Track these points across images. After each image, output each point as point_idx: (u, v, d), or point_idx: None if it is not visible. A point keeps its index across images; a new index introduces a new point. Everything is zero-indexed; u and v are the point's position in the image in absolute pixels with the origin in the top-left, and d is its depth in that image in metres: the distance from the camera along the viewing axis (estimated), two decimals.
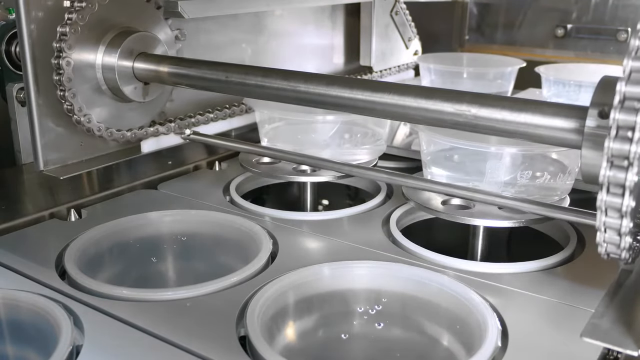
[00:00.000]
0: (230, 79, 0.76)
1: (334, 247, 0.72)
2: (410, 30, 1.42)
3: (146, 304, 0.60)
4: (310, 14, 1.23)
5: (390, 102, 0.65)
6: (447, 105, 0.62)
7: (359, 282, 0.66)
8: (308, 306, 0.65)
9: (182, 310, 0.59)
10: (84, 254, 0.70)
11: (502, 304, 0.61)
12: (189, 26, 0.93)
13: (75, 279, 0.64)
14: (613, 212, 0.50)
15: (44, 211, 0.80)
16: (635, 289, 0.61)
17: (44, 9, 0.75)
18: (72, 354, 0.53)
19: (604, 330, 0.53)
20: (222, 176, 0.94)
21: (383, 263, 0.67)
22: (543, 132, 0.58)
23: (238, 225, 0.76)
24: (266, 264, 0.68)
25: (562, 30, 1.38)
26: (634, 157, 0.47)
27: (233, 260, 0.74)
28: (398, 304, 0.65)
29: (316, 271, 0.65)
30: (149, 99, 0.87)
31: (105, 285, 0.63)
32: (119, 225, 0.76)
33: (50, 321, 0.57)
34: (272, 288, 0.61)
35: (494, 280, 0.65)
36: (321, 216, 0.81)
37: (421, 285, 0.64)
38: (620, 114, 0.47)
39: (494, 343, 0.53)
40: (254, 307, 0.58)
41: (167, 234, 0.78)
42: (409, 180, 0.75)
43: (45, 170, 0.79)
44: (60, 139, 0.80)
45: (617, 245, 0.53)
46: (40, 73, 0.76)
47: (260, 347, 0.52)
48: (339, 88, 0.68)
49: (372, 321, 0.65)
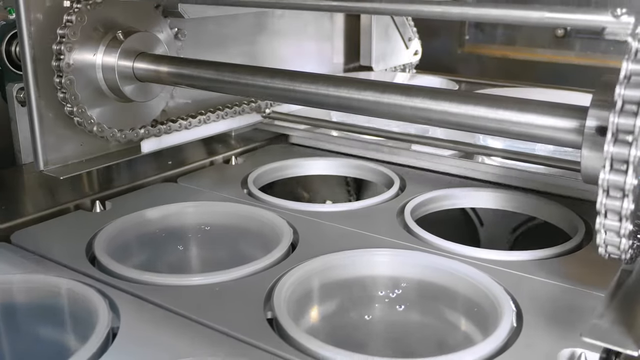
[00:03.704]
0: (231, 79, 0.76)
1: (352, 236, 0.75)
2: (410, 30, 1.42)
3: (177, 289, 0.64)
4: (310, 14, 1.23)
5: (395, 102, 0.65)
6: (449, 106, 0.62)
7: (378, 268, 0.69)
8: (331, 291, 0.68)
9: (211, 295, 0.63)
10: (112, 242, 0.73)
11: (516, 289, 0.63)
12: (189, 26, 0.93)
13: (107, 265, 0.67)
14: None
15: (69, 203, 0.83)
16: (635, 289, 0.61)
17: (44, 9, 0.75)
18: (109, 336, 0.55)
19: (604, 330, 0.53)
20: (239, 170, 0.97)
21: (401, 251, 0.70)
22: (543, 132, 0.58)
23: (258, 215, 0.79)
24: (288, 252, 0.71)
25: (562, 30, 1.38)
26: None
27: (255, 249, 0.77)
28: (416, 288, 0.68)
29: (338, 258, 0.69)
30: (149, 99, 0.87)
31: (136, 271, 0.66)
32: (144, 216, 0.80)
33: (87, 305, 0.60)
34: (297, 273, 0.65)
35: (506, 266, 0.68)
36: (337, 208, 0.84)
37: (438, 271, 0.67)
38: (620, 118, 0.47)
39: (509, 323, 0.57)
40: (280, 290, 0.61)
41: (191, 224, 0.81)
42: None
43: (45, 170, 0.79)
44: (60, 139, 0.80)
45: (617, 246, 0.53)
46: (40, 73, 0.76)
47: (288, 327, 0.55)
48: (342, 88, 0.68)
49: (393, 304, 0.68)
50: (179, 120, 0.93)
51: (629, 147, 0.47)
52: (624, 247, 0.53)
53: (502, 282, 0.64)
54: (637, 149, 0.47)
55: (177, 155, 0.99)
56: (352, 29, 1.34)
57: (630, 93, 0.47)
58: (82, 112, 0.79)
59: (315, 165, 1.01)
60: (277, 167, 0.99)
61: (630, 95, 0.47)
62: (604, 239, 0.53)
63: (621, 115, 0.47)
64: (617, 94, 0.48)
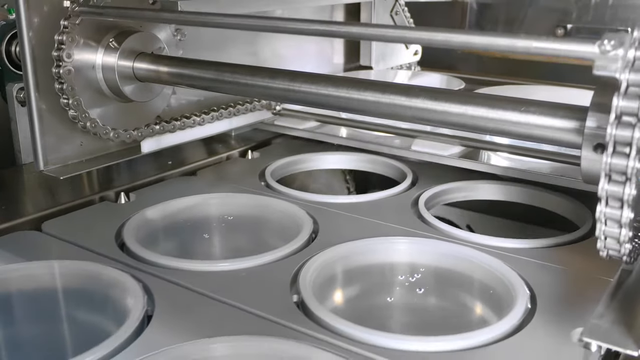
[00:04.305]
0: (231, 79, 0.76)
1: (369, 225, 0.78)
2: None
3: (206, 274, 0.67)
4: (310, 14, 1.23)
5: (395, 102, 0.65)
6: (449, 106, 0.62)
7: (397, 255, 0.73)
8: (353, 275, 0.72)
9: (239, 279, 0.66)
10: (140, 231, 0.77)
11: (529, 274, 0.66)
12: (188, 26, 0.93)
13: (137, 252, 0.70)
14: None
15: (94, 195, 0.87)
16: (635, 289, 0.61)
17: (44, 9, 0.75)
18: (144, 318, 0.58)
19: (604, 330, 0.53)
20: (256, 164, 1.01)
21: (418, 239, 0.74)
22: (543, 132, 0.58)
23: (279, 206, 0.83)
24: (309, 241, 0.75)
25: (562, 30, 1.38)
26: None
27: (277, 237, 0.80)
28: (434, 274, 0.72)
29: (359, 245, 0.72)
30: (150, 99, 0.87)
31: (167, 257, 0.70)
32: (169, 207, 0.83)
33: (122, 289, 0.63)
34: (320, 259, 0.68)
35: (518, 254, 0.71)
36: (354, 199, 0.88)
37: (453, 258, 0.71)
38: (618, 130, 0.48)
39: (524, 305, 0.60)
40: (305, 275, 0.65)
41: (214, 215, 0.85)
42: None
43: (45, 170, 0.79)
44: (60, 139, 0.80)
45: (617, 250, 0.53)
46: (40, 73, 0.76)
47: (315, 308, 0.59)
48: (342, 88, 0.68)
49: (413, 287, 0.72)
50: (183, 119, 0.93)
51: (627, 159, 0.48)
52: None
53: (515, 268, 0.67)
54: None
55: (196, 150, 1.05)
56: None
57: (622, 133, 0.48)
58: (84, 114, 0.79)
59: (329, 159, 1.04)
60: (293, 161, 1.03)
61: (621, 135, 0.48)
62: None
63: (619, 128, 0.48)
64: (609, 133, 0.48)
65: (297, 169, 1.03)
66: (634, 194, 0.48)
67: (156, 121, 0.90)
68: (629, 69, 0.47)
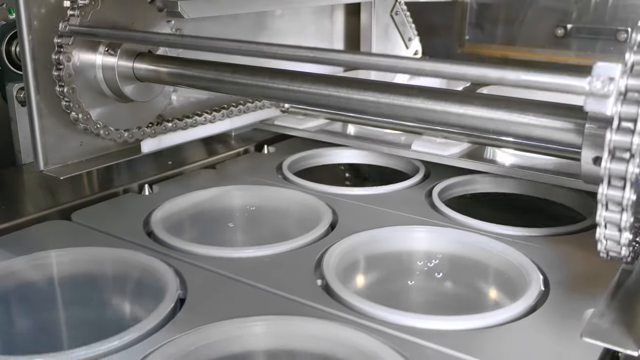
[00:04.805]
0: (231, 79, 0.76)
1: (386, 215, 0.82)
2: (410, 30, 1.42)
3: (233, 260, 0.71)
4: (310, 14, 1.23)
5: (396, 102, 0.65)
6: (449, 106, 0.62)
7: (415, 243, 0.77)
8: (374, 261, 0.76)
9: (265, 265, 0.70)
10: (167, 220, 0.81)
11: (541, 259, 0.69)
12: (189, 26, 0.93)
13: (166, 240, 0.74)
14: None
15: (119, 187, 0.90)
16: (635, 289, 0.61)
17: (44, 9, 0.75)
18: (177, 302, 0.62)
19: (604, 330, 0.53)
20: (272, 158, 1.05)
21: (435, 227, 0.78)
22: (543, 132, 0.58)
23: (298, 197, 0.87)
24: (329, 230, 0.78)
25: (562, 30, 1.38)
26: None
27: (298, 227, 0.82)
28: (450, 260, 0.75)
29: (378, 233, 0.76)
30: (150, 99, 0.87)
31: (195, 244, 0.73)
32: (193, 197, 0.87)
33: (155, 274, 0.67)
34: (342, 246, 0.72)
35: (530, 241, 0.75)
36: (370, 191, 0.91)
37: (468, 245, 0.74)
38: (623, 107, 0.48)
39: (538, 287, 0.64)
40: (328, 260, 0.68)
41: (237, 205, 0.89)
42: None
43: (45, 170, 0.79)
44: (60, 139, 0.80)
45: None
46: (40, 73, 0.76)
47: (340, 291, 0.62)
48: (342, 89, 0.68)
49: (432, 272, 0.75)
50: (185, 119, 0.93)
51: (631, 135, 0.48)
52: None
53: (527, 254, 0.70)
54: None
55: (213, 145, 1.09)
56: (352, 29, 1.34)
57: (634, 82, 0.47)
58: (84, 114, 0.79)
59: (344, 153, 1.07)
60: (308, 155, 1.06)
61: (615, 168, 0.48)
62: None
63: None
64: (603, 167, 0.48)
65: (313, 162, 1.07)
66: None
67: (158, 120, 0.90)
68: (620, 102, 0.48)
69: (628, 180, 0.48)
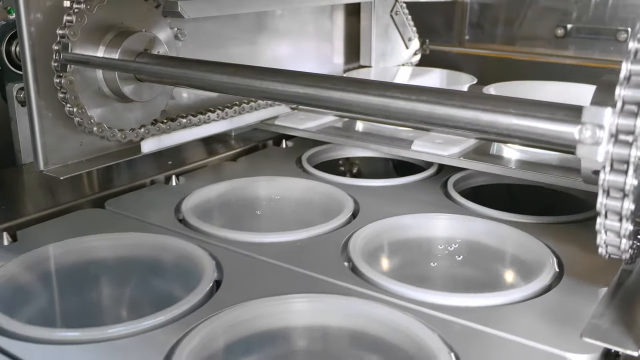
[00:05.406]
0: (231, 80, 0.76)
1: (405, 204, 0.86)
2: (410, 30, 1.42)
3: (264, 244, 0.75)
4: (310, 14, 1.23)
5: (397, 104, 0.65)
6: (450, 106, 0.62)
7: (435, 229, 0.81)
8: (397, 246, 0.80)
9: (294, 249, 0.74)
10: (197, 208, 0.85)
11: (554, 243, 0.74)
12: (189, 26, 0.93)
13: (199, 226, 0.78)
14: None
15: (146, 178, 0.94)
16: (635, 289, 0.61)
17: (44, 9, 0.75)
18: (214, 284, 0.65)
19: (604, 330, 0.53)
20: (291, 152, 1.10)
21: (453, 215, 0.82)
22: (542, 132, 0.58)
23: (320, 187, 0.92)
24: (351, 218, 0.82)
25: (562, 30, 1.38)
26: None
27: (321, 215, 0.86)
28: (467, 246, 0.80)
29: (400, 220, 0.81)
30: (150, 99, 0.87)
31: (227, 230, 0.77)
32: (220, 187, 0.91)
33: (191, 258, 0.70)
34: (366, 232, 0.77)
35: (543, 228, 0.79)
36: (387, 182, 0.95)
37: (485, 232, 0.79)
38: (615, 148, 0.48)
39: (552, 269, 0.68)
40: (354, 245, 0.73)
41: (262, 195, 0.94)
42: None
43: (45, 170, 0.79)
44: (60, 139, 0.80)
45: (618, 247, 0.53)
46: (40, 73, 0.76)
47: (367, 271, 0.67)
48: (343, 89, 0.68)
49: (452, 255, 0.79)
50: (189, 117, 0.93)
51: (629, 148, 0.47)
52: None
53: (542, 239, 0.74)
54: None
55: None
56: (352, 29, 1.34)
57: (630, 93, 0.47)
58: (83, 113, 0.79)
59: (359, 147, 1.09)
60: (326, 149, 1.10)
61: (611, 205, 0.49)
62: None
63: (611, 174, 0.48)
64: (600, 202, 0.49)
65: (331, 156, 1.11)
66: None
67: (162, 120, 0.90)
68: (612, 144, 0.48)
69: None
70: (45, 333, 0.57)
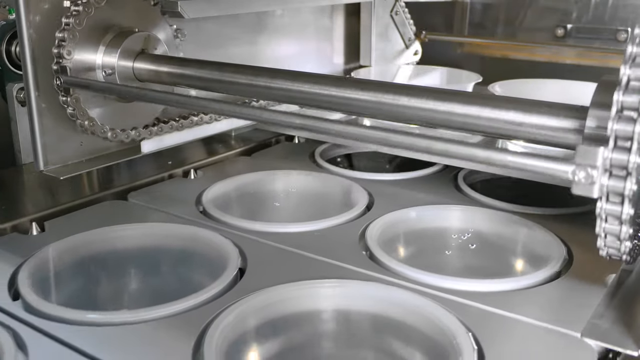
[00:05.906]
0: (231, 79, 0.76)
1: (419, 197, 0.90)
2: (410, 30, 1.42)
3: (284, 234, 0.78)
4: (310, 14, 1.23)
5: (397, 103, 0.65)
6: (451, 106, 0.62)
7: (449, 220, 0.85)
8: (412, 236, 0.84)
9: (313, 238, 0.77)
10: (217, 200, 0.88)
11: (564, 234, 0.76)
12: (189, 26, 0.93)
13: (220, 217, 0.81)
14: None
15: (164, 173, 0.98)
16: (635, 289, 0.61)
17: (43, 10, 0.75)
18: (238, 271, 0.68)
19: (603, 330, 0.53)
20: (303, 147, 1.13)
21: (464, 206, 0.86)
22: (542, 132, 0.58)
23: (335, 181, 0.96)
24: (366, 210, 0.86)
25: (562, 30, 1.38)
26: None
27: (337, 206, 0.89)
28: (479, 235, 0.84)
29: (414, 211, 0.84)
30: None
31: (249, 220, 0.81)
32: (239, 180, 0.95)
33: (216, 247, 0.74)
34: (380, 222, 0.80)
35: (551, 219, 0.82)
36: (400, 176, 0.98)
37: (496, 222, 0.82)
38: (618, 124, 0.48)
39: (562, 256, 0.71)
40: (371, 234, 0.76)
41: (279, 188, 0.98)
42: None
43: (45, 170, 0.79)
44: (60, 139, 0.80)
45: (618, 249, 0.53)
46: (40, 73, 0.76)
47: (384, 259, 0.70)
48: (343, 89, 0.68)
49: (466, 243, 0.84)
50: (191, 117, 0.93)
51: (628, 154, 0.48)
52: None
53: (551, 229, 0.77)
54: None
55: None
56: (352, 29, 1.34)
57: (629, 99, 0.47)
58: (84, 114, 0.79)
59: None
60: (338, 144, 1.13)
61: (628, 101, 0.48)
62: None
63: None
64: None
65: (343, 151, 1.14)
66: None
67: (165, 119, 0.90)
68: (607, 177, 0.49)
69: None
70: (93, 316, 0.60)
